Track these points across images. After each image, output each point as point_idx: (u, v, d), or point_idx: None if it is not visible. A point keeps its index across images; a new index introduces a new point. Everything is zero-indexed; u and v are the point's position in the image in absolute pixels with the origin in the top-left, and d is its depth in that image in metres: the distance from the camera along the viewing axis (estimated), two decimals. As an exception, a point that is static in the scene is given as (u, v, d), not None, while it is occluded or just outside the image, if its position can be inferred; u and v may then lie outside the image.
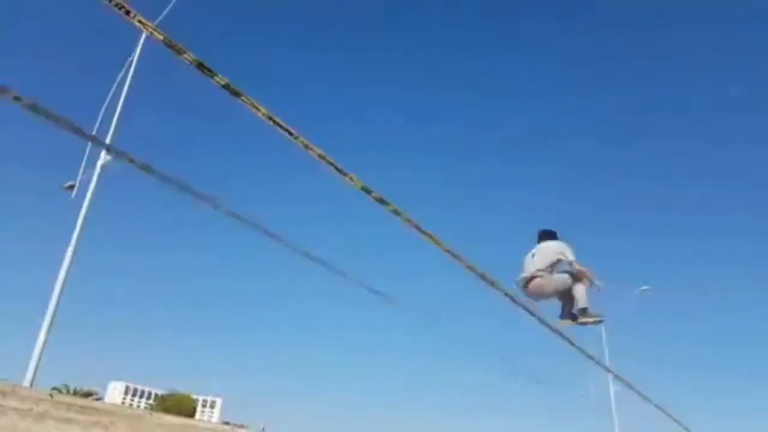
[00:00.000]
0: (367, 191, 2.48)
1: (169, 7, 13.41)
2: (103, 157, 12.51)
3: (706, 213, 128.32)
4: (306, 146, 2.31)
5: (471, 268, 3.22)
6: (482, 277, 3.24)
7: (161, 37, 1.96)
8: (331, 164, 2.38)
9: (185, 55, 2.03)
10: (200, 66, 2.06)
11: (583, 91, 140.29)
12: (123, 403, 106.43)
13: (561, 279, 6.59)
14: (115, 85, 13.68)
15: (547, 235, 7.00)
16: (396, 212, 2.58)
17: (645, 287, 29.49)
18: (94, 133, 12.57)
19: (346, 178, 2.44)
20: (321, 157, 2.34)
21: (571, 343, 6.64)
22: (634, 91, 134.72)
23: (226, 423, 35.01)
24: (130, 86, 13.49)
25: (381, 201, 2.58)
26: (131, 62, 13.72)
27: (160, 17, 13.31)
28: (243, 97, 2.15)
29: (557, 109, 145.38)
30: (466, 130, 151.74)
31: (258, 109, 2.18)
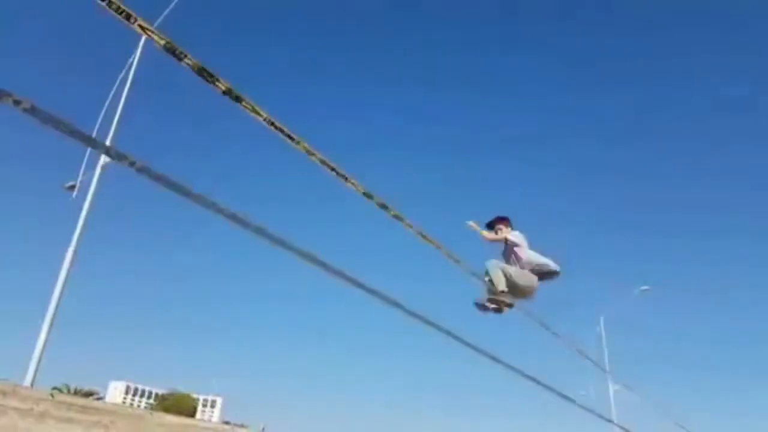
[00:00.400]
0: (369, 196, 2.48)
1: (169, 8, 13.41)
2: (104, 158, 12.50)
3: (706, 213, 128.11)
4: (308, 152, 2.30)
5: (474, 273, 3.22)
6: (483, 280, 3.25)
7: (162, 42, 1.95)
8: (333, 169, 2.37)
9: (186, 60, 2.02)
10: (201, 71, 2.06)
11: (583, 91, 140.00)
12: (123, 402, 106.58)
13: None
14: (115, 87, 13.68)
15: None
16: (397, 217, 2.58)
17: (645, 287, 29.55)
18: (94, 134, 12.56)
19: (348, 184, 2.43)
20: (323, 162, 2.33)
21: (572, 345, 6.63)
22: (634, 91, 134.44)
23: (227, 423, 35.03)
24: (130, 88, 13.49)
25: (383, 206, 2.58)
26: (132, 63, 13.72)
27: (160, 18, 13.31)
28: (244, 103, 2.14)
29: (557, 109, 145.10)
30: (466, 130, 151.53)
31: (259, 115, 2.17)
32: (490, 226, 6.47)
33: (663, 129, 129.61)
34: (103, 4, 1.77)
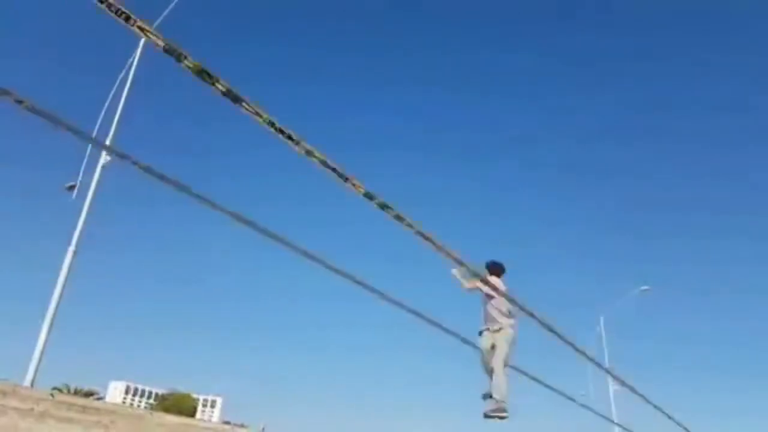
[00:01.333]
0: (370, 197, 2.47)
1: (169, 8, 13.40)
2: (104, 157, 12.52)
3: (706, 213, 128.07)
4: (308, 152, 2.30)
5: (474, 272, 3.22)
6: (484, 281, 3.24)
7: (161, 44, 1.94)
8: (333, 170, 2.37)
9: (186, 62, 2.01)
10: (201, 72, 2.05)
11: (583, 91, 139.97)
12: (124, 402, 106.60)
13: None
14: (115, 87, 13.69)
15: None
16: (398, 218, 2.57)
17: (645, 287, 29.58)
18: (94, 134, 12.56)
19: (348, 184, 2.42)
20: (323, 162, 2.32)
21: (572, 345, 6.62)
22: (634, 91, 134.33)
23: (227, 422, 35.02)
24: (130, 88, 13.50)
25: (383, 206, 2.57)
26: (132, 63, 13.72)
27: (160, 19, 13.31)
28: (244, 104, 2.14)
29: (557, 109, 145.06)
30: (466, 130, 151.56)
31: (260, 116, 2.16)
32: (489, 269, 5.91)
33: (663, 129, 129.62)
34: (102, 5, 1.76)
